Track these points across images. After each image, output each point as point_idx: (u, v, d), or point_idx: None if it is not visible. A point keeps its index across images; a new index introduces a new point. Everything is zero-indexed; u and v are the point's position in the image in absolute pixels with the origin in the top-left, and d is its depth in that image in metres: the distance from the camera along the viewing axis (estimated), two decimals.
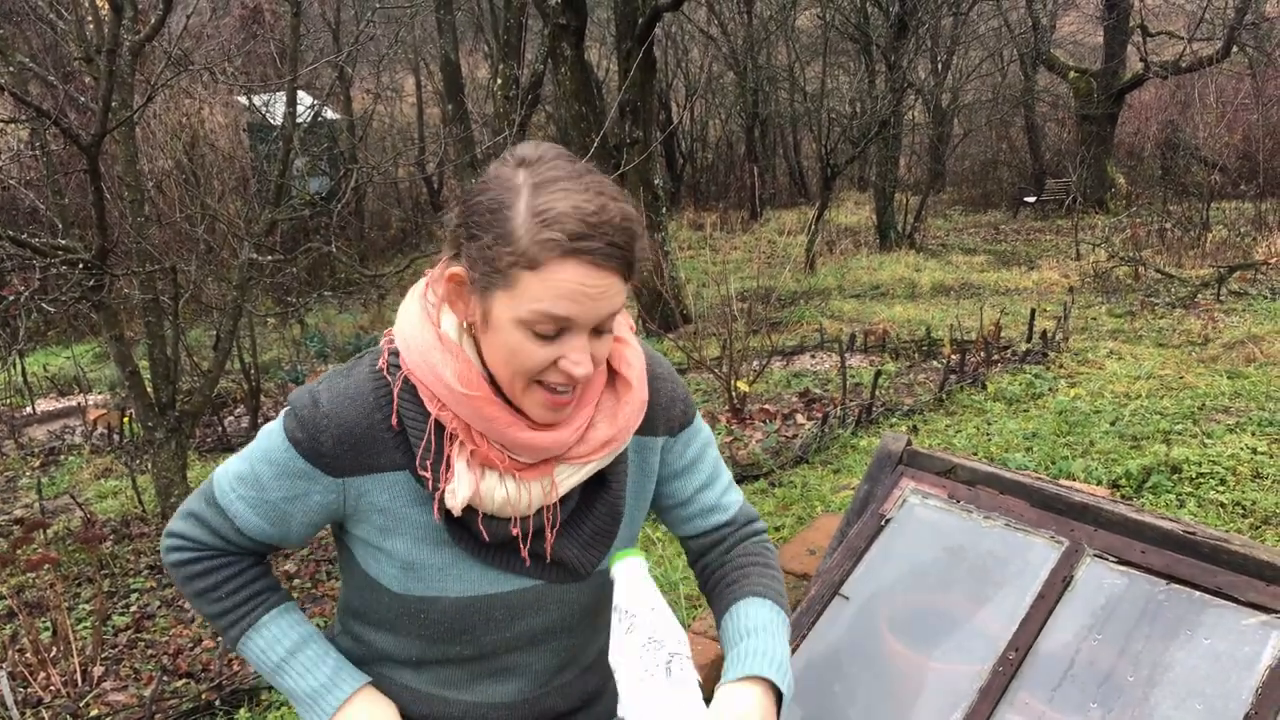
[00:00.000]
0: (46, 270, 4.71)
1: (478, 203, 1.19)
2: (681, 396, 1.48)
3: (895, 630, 1.96)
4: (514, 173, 1.19)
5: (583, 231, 1.14)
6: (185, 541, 1.39)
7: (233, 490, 1.34)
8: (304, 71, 6.18)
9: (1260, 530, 4.13)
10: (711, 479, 1.52)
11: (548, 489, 1.30)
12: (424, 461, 1.26)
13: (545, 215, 1.14)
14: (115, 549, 5.48)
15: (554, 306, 1.16)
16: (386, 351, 1.32)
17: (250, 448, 1.35)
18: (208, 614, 1.41)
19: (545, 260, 1.14)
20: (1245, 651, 1.69)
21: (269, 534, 1.35)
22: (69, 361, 11.27)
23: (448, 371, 1.23)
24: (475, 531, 1.30)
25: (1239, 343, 7.59)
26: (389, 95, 24.17)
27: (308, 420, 1.28)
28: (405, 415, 1.27)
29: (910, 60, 17.75)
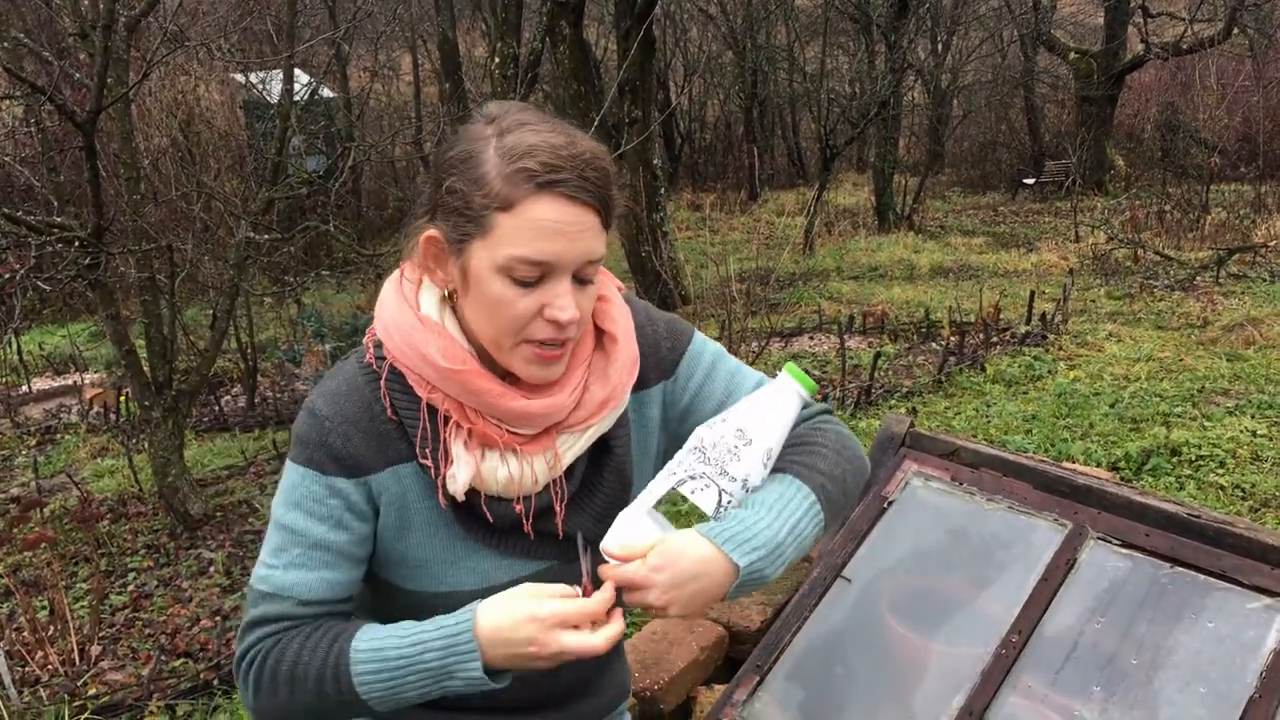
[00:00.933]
0: (42, 248, 4.68)
1: (448, 158, 1.18)
2: (665, 334, 1.42)
3: (897, 613, 1.95)
4: (482, 128, 1.18)
5: (554, 163, 1.12)
6: (254, 650, 1.24)
7: (275, 568, 1.24)
8: (301, 48, 6.13)
9: (1260, 513, 4.13)
10: (729, 391, 1.42)
11: (551, 462, 1.26)
12: (423, 449, 1.23)
13: (514, 150, 1.13)
14: (112, 528, 5.48)
15: (531, 248, 1.13)
16: (371, 345, 1.28)
17: (271, 526, 1.27)
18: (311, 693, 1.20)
19: (519, 198, 1.12)
20: (1249, 635, 1.68)
21: (335, 583, 1.25)
22: (65, 340, 11.23)
23: (431, 349, 1.20)
24: (481, 515, 1.26)
25: (1238, 325, 7.58)
26: (386, 73, 24.03)
27: (311, 432, 1.24)
28: (398, 404, 1.24)
29: (910, 40, 17.66)
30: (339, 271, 11.16)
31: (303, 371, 9.24)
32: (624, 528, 1.23)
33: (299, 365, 9.19)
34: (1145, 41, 19.23)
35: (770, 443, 1.25)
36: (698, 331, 1.47)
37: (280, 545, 1.24)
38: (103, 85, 4.40)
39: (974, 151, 24.79)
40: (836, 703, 1.85)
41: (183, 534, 5.34)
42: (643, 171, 10.87)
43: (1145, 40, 19.24)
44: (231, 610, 4.39)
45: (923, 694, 1.81)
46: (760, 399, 1.26)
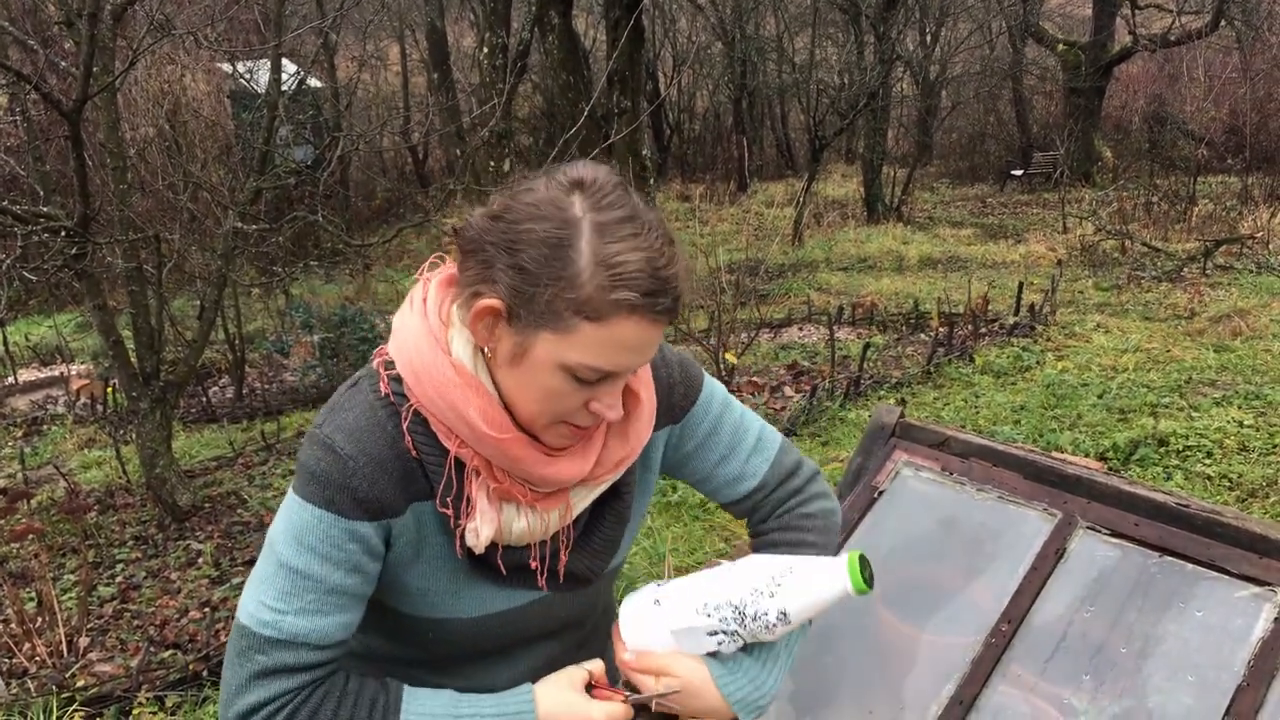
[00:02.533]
0: (28, 238, 4.65)
1: (528, 232, 1.06)
2: (680, 379, 1.39)
3: (888, 602, 1.95)
4: (568, 199, 1.07)
5: (654, 289, 1.06)
6: (269, 707, 1.16)
7: (285, 613, 1.15)
8: (288, 38, 6.10)
9: (1247, 503, 4.15)
10: (731, 447, 1.43)
11: (563, 513, 1.25)
12: (444, 498, 1.18)
13: (617, 270, 1.05)
14: (100, 519, 5.46)
15: (607, 361, 1.09)
16: (385, 375, 1.19)
17: (270, 562, 1.17)
18: None
19: (609, 314, 1.05)
20: (1238, 624, 1.68)
21: (349, 624, 1.20)
22: (51, 331, 11.17)
23: (471, 411, 1.13)
24: (494, 565, 1.24)
25: (1225, 316, 7.62)
26: (374, 63, 23.93)
27: (333, 473, 1.14)
28: (420, 448, 1.17)
29: (899, 31, 17.67)
30: (327, 262, 11.14)
31: (291, 362, 9.22)
32: (640, 625, 1.28)
33: (287, 356, 9.17)
34: (1133, 33, 19.28)
35: (806, 619, 1.28)
36: (706, 374, 1.45)
37: (290, 590, 1.15)
38: (89, 74, 4.37)
39: (962, 143, 24.84)
40: (828, 692, 1.85)
41: (171, 525, 5.33)
42: (632, 162, 10.84)
43: (1133, 32, 19.29)
44: (220, 602, 4.38)
45: (913, 683, 1.82)
46: (813, 585, 1.24)
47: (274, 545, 1.17)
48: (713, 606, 1.25)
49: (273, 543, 1.17)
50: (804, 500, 1.47)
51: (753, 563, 1.28)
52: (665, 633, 1.28)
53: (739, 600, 1.24)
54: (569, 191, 1.08)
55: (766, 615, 1.23)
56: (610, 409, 1.14)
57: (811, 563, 1.26)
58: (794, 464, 1.48)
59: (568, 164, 1.12)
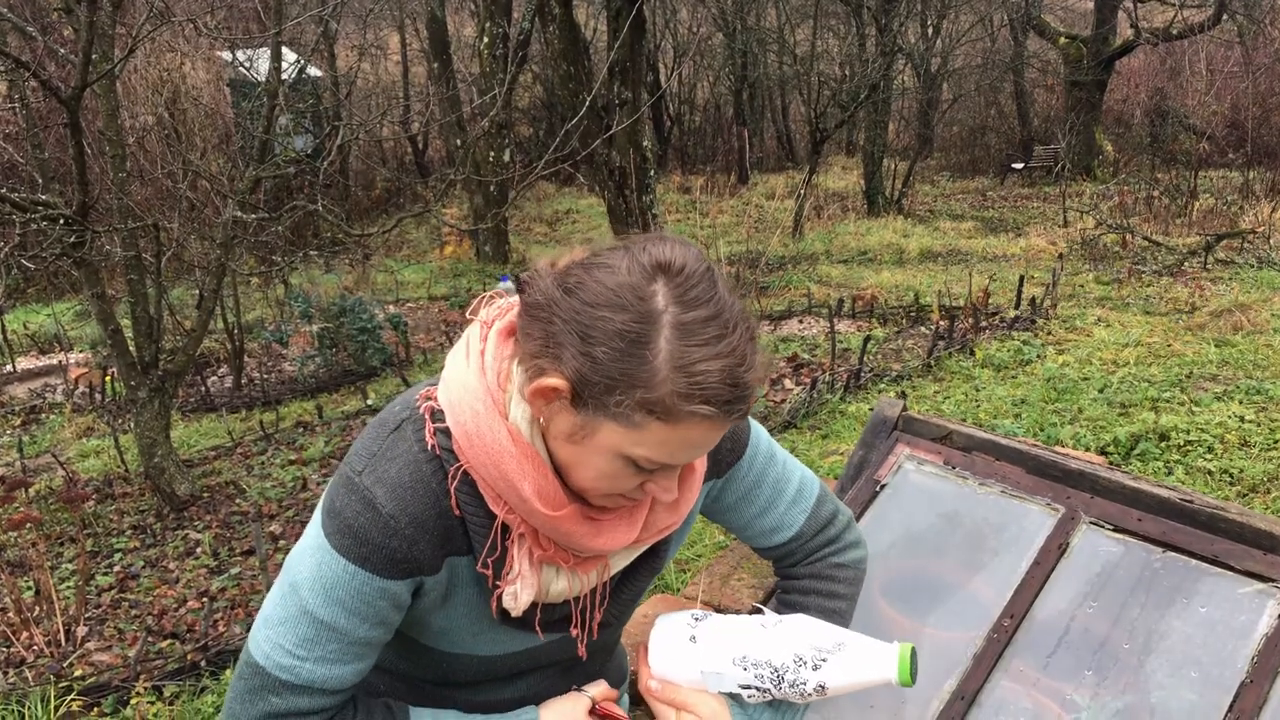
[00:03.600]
0: (26, 226, 4.63)
1: (604, 320, 0.99)
2: (730, 434, 1.34)
3: (889, 597, 1.95)
4: (650, 288, 1.01)
5: (731, 399, 1.02)
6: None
7: (304, 661, 1.13)
8: (288, 26, 6.07)
9: (1248, 498, 4.15)
10: (771, 501, 1.41)
11: (602, 572, 1.23)
12: (485, 559, 1.15)
13: (698, 380, 0.99)
14: (98, 508, 5.45)
15: (672, 456, 1.05)
16: (432, 426, 1.13)
17: (293, 601, 1.13)
18: None
19: (682, 418, 1.01)
20: (1241, 620, 1.68)
21: (364, 670, 1.19)
22: (49, 319, 11.15)
23: (526, 486, 1.08)
24: (528, 620, 1.21)
25: (1226, 311, 7.61)
26: (374, 52, 23.87)
27: (369, 530, 1.09)
28: (464, 506, 1.13)
29: (901, 24, 17.62)
30: (326, 252, 11.12)
31: (290, 352, 9.21)
32: (670, 656, 1.27)
33: (286, 346, 9.15)
34: (1135, 27, 19.24)
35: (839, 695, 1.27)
36: (754, 423, 1.41)
37: (313, 639, 1.12)
38: (88, 61, 4.35)
39: (963, 136, 24.79)
40: None
41: (169, 515, 5.32)
42: (632, 154, 10.82)
43: (1135, 26, 19.24)
44: (219, 591, 4.37)
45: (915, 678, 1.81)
46: (859, 668, 1.23)
47: (299, 590, 1.12)
48: (751, 662, 1.24)
49: (297, 587, 1.12)
50: (838, 550, 1.47)
51: (800, 627, 1.25)
52: (695, 670, 1.26)
53: (780, 664, 1.23)
54: (651, 279, 1.01)
55: (804, 685, 1.22)
56: (666, 492, 1.12)
57: (862, 645, 1.24)
58: (830, 514, 1.47)
59: (652, 241, 1.05)
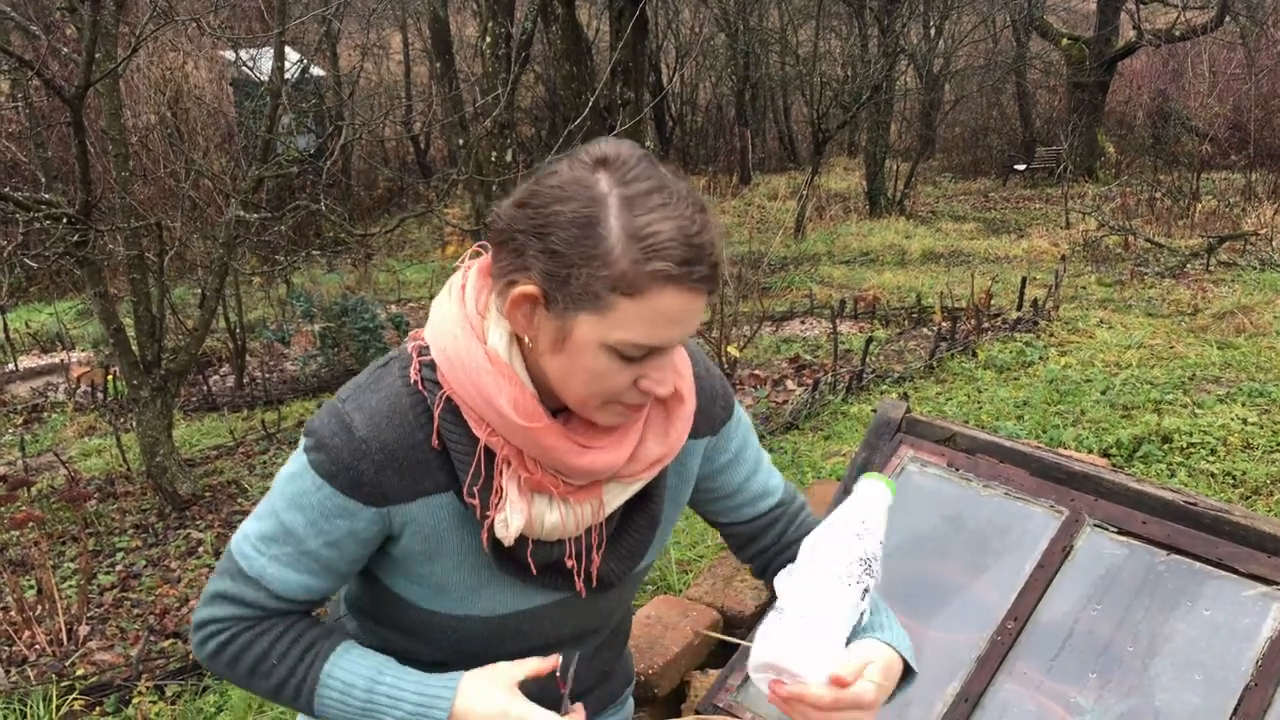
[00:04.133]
0: (29, 225, 4.64)
1: (556, 213, 1.05)
2: (721, 391, 1.40)
3: (893, 599, 1.94)
4: (594, 177, 1.06)
5: (689, 256, 1.05)
6: (216, 625, 1.23)
7: (261, 553, 1.20)
8: (291, 25, 6.08)
9: (1251, 501, 4.14)
10: (755, 467, 1.45)
11: (596, 509, 1.23)
12: (471, 488, 1.17)
13: (649, 241, 1.03)
14: (100, 508, 5.45)
15: (649, 335, 1.07)
16: (418, 362, 1.19)
17: (269, 502, 1.21)
18: (267, 691, 1.24)
19: (646, 287, 1.04)
20: (1246, 623, 1.68)
21: (313, 589, 1.23)
22: (52, 318, 11.16)
23: (502, 399, 1.12)
24: (522, 559, 1.22)
25: (1229, 313, 7.61)
26: (377, 52, 23.88)
27: (341, 449, 1.15)
28: (448, 437, 1.17)
29: (903, 25, 17.61)
30: (329, 251, 11.13)
31: (292, 352, 9.21)
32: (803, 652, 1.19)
33: (288, 345, 9.16)
34: (1137, 28, 19.22)
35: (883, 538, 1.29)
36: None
37: (272, 535, 1.20)
38: (91, 60, 4.36)
39: (965, 137, 24.78)
40: None
41: (171, 514, 5.32)
42: None
43: (1137, 27, 19.23)
44: None
45: (919, 680, 1.81)
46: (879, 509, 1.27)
47: (274, 494, 1.21)
48: (847, 574, 1.22)
49: (279, 488, 1.20)
50: (809, 513, 1.51)
51: (831, 527, 1.25)
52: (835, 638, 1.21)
53: (860, 552, 1.22)
54: (594, 170, 1.07)
55: (878, 549, 1.24)
56: (660, 384, 1.13)
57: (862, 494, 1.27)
58: (792, 485, 1.53)
59: (590, 143, 1.11)
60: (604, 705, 1.52)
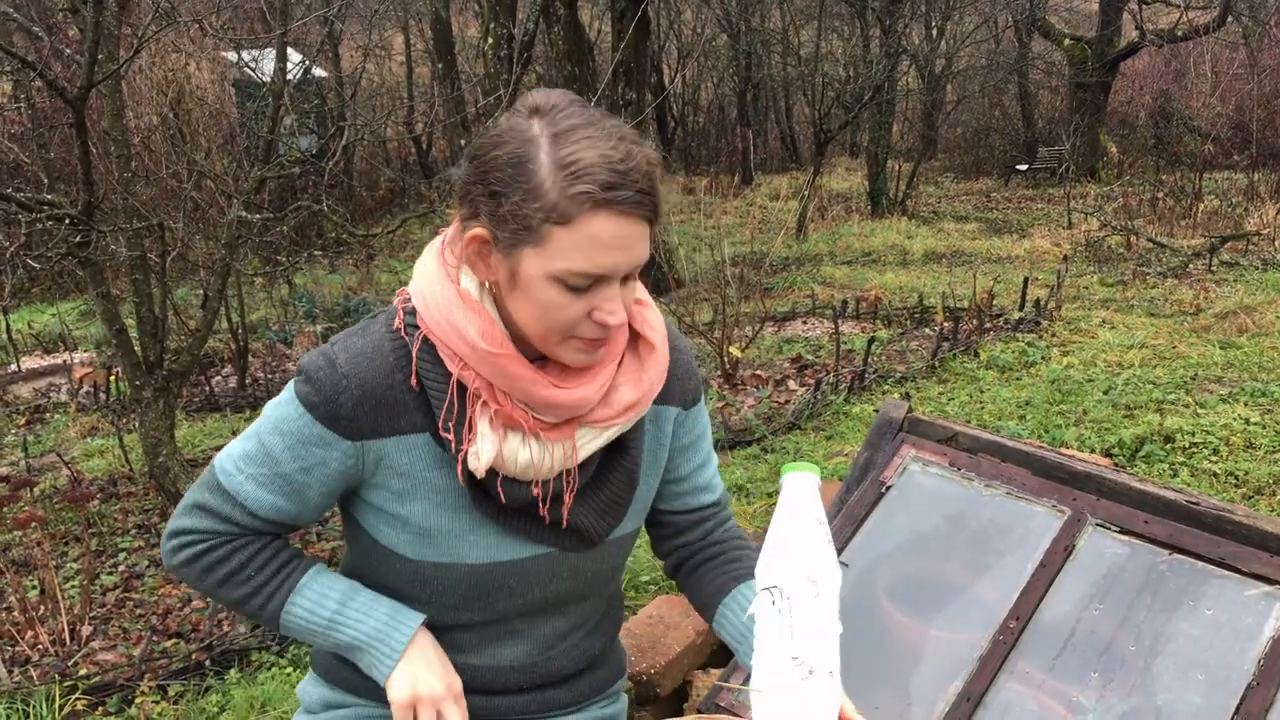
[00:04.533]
0: (32, 226, 4.64)
1: (494, 158, 1.15)
2: (694, 371, 1.46)
3: (895, 598, 1.95)
4: (528, 123, 1.15)
5: (613, 181, 1.11)
6: (192, 535, 1.30)
7: (240, 471, 1.28)
8: (293, 26, 6.08)
9: (1254, 500, 4.14)
10: (707, 458, 1.51)
11: (568, 452, 1.27)
12: (446, 423, 1.23)
13: (573, 167, 1.11)
14: (103, 508, 5.46)
15: (588, 262, 1.14)
16: (402, 311, 1.28)
17: (254, 426, 1.30)
18: (236, 599, 1.32)
19: (576, 214, 1.11)
20: (1248, 622, 1.68)
21: (284, 511, 1.30)
22: (54, 319, 11.16)
23: (471, 329, 1.20)
24: (494, 494, 1.27)
25: (1231, 313, 7.60)
26: (379, 53, 23.88)
27: (324, 382, 1.23)
28: (425, 376, 1.24)
29: (905, 25, 17.61)
30: (331, 252, 11.14)
31: (294, 353, 9.22)
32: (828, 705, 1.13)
33: (290, 346, 9.17)
34: (1140, 28, 19.21)
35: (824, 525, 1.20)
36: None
37: (252, 456, 1.27)
38: (93, 61, 4.36)
39: (967, 137, 24.76)
40: None
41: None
42: None
43: (1140, 27, 19.22)
44: None
45: (920, 679, 1.81)
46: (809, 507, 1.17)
47: (265, 415, 1.29)
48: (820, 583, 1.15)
49: (266, 413, 1.29)
50: (736, 524, 1.57)
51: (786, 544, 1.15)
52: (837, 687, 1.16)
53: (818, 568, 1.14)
54: (528, 117, 1.16)
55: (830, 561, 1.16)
56: (611, 315, 1.18)
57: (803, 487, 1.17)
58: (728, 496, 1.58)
59: (525, 94, 1.21)
60: (592, 693, 1.53)
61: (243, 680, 3.50)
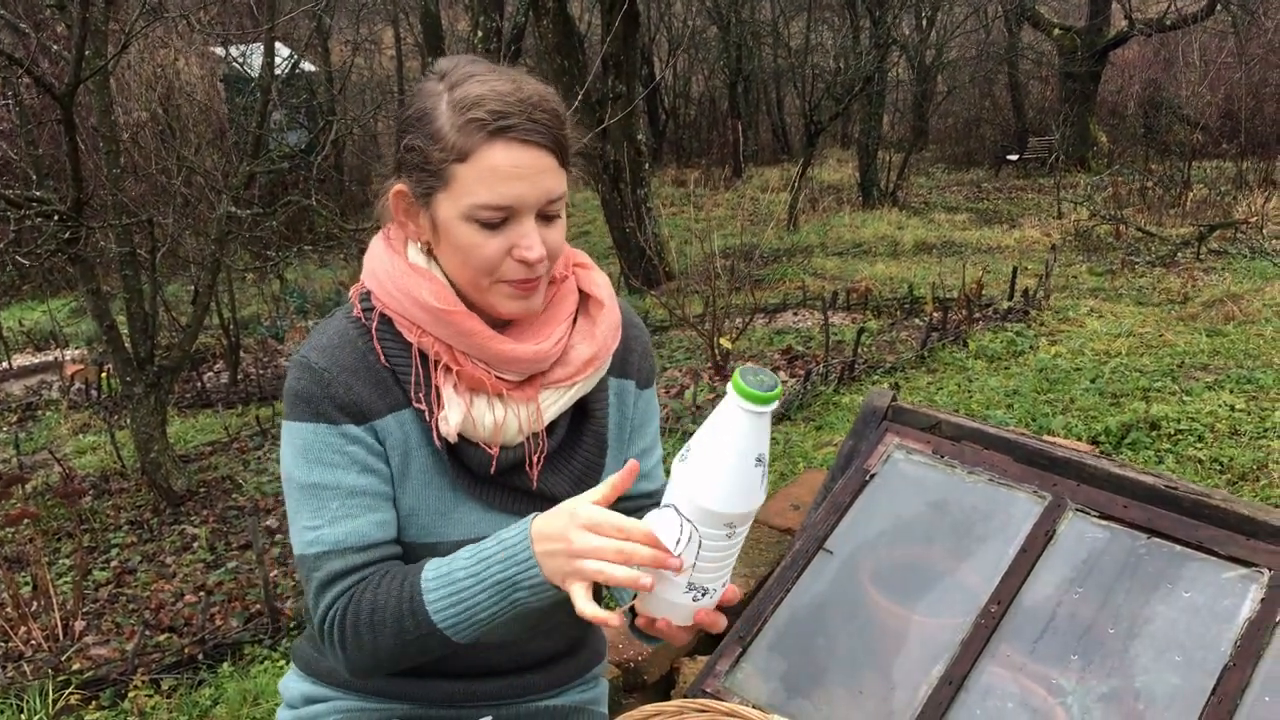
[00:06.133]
0: (21, 222, 4.64)
1: (406, 117, 1.23)
2: (651, 353, 1.50)
3: (878, 584, 1.97)
4: (434, 84, 1.22)
5: (502, 110, 1.16)
6: (333, 609, 1.24)
7: (320, 529, 1.24)
8: (281, 21, 6.07)
9: (1238, 486, 4.17)
10: (653, 444, 1.52)
11: (534, 414, 1.30)
12: (417, 393, 1.26)
13: (463, 102, 1.17)
14: (95, 504, 5.46)
15: (492, 194, 1.18)
16: (357, 300, 1.32)
17: (291, 500, 1.26)
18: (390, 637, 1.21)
19: (473, 148, 1.17)
20: (1225, 604, 1.70)
21: (383, 523, 1.26)
22: (45, 315, 11.15)
23: (423, 292, 1.24)
24: (470, 465, 1.29)
25: (1218, 301, 7.64)
26: (368, 47, 23.83)
27: (313, 387, 1.25)
28: (389, 352, 1.27)
29: (895, 16, 17.61)
30: (321, 247, 11.10)
31: (285, 348, 9.22)
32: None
33: (282, 341, 9.17)
34: (1129, 18, 19.22)
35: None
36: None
37: (316, 506, 1.25)
38: (81, 57, 4.36)
39: (958, 128, 24.77)
40: (818, 673, 1.87)
41: (166, 510, 5.33)
42: (627, 147, 10.82)
43: (1129, 16, 19.23)
44: (215, 585, 4.39)
45: (903, 663, 1.83)
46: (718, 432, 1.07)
47: (289, 477, 1.27)
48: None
49: (288, 476, 1.27)
50: None
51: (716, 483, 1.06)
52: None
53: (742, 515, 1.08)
54: (436, 80, 1.23)
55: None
56: (529, 250, 1.21)
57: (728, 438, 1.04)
58: None
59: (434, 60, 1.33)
60: (571, 678, 1.55)
61: (235, 674, 3.52)
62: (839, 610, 1.95)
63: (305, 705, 1.47)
